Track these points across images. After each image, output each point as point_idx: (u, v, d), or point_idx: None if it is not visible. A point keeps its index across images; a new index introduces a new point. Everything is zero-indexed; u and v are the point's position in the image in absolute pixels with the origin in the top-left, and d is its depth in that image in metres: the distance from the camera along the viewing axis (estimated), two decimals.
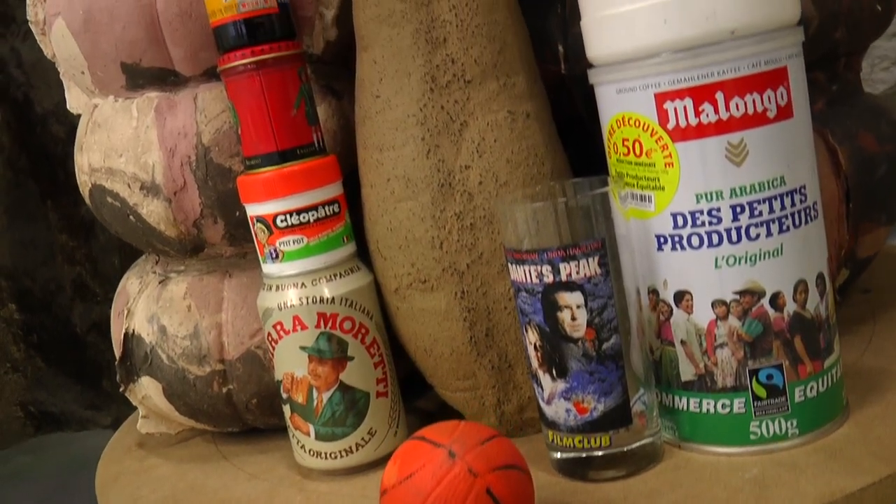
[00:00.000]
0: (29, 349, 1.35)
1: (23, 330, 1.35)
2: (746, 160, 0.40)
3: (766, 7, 0.39)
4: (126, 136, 0.51)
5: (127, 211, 0.52)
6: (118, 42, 0.50)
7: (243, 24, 0.46)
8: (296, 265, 0.47)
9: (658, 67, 0.40)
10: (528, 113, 0.46)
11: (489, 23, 0.45)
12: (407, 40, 0.45)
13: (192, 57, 0.50)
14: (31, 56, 1.24)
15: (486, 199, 0.45)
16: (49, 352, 1.35)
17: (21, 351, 1.36)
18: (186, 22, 0.49)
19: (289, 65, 0.46)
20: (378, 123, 0.46)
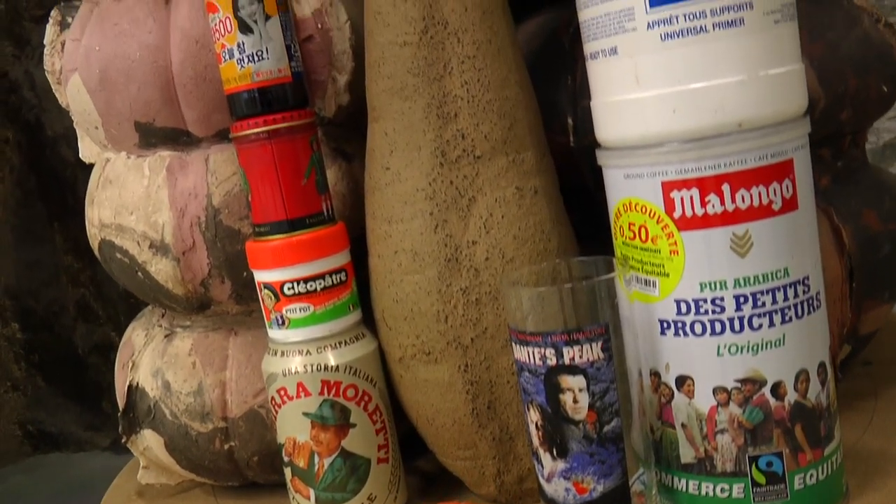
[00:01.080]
0: (30, 368, 1.36)
1: (24, 349, 1.35)
2: (751, 252, 0.40)
3: (774, 101, 0.40)
4: (137, 194, 0.52)
5: (135, 268, 0.53)
6: (133, 102, 0.51)
7: (257, 93, 0.46)
8: (301, 332, 0.47)
9: (666, 156, 0.40)
10: (536, 189, 0.47)
11: (500, 99, 0.46)
12: (418, 114, 0.46)
13: (204, 119, 0.51)
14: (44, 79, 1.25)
15: (492, 275, 0.46)
16: (50, 372, 1.36)
17: (22, 370, 1.36)
18: (200, 85, 0.50)
19: (301, 134, 0.47)
20: (387, 195, 0.47)
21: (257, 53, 0.46)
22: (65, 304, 1.34)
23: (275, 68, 0.46)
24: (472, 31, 0.45)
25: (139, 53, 0.50)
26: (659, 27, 0.39)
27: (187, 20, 0.50)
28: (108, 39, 0.51)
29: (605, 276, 0.41)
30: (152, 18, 0.50)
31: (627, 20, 0.40)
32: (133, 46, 0.50)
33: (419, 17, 0.45)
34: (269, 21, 0.46)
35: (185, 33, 0.50)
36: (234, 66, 0.46)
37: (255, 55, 0.46)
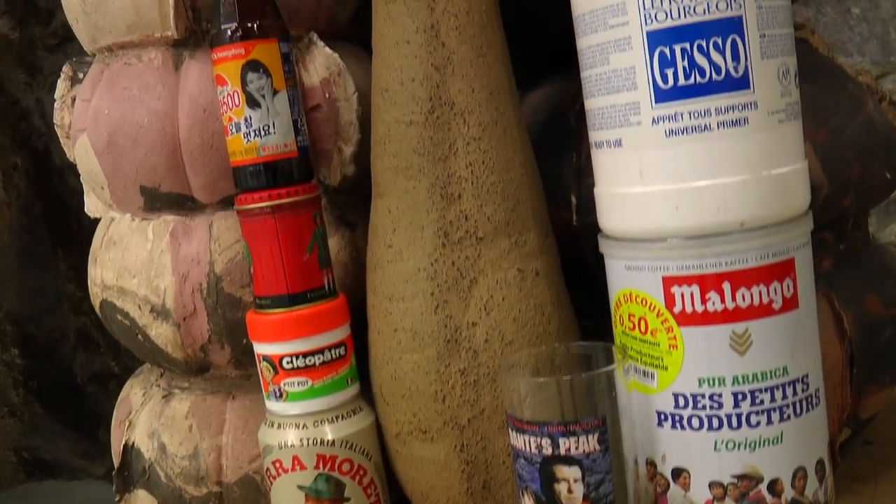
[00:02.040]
0: (28, 395, 1.36)
1: (23, 375, 1.35)
2: (750, 350, 0.40)
3: (777, 200, 0.40)
4: (140, 258, 0.52)
5: (136, 330, 0.53)
6: (139, 166, 0.51)
7: (262, 168, 0.46)
8: (299, 406, 0.47)
9: (667, 252, 0.40)
10: (538, 271, 0.47)
11: (504, 181, 0.46)
12: (422, 194, 0.46)
13: (210, 186, 0.51)
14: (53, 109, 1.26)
15: (491, 357, 0.46)
16: (48, 399, 1.36)
17: (20, 396, 1.36)
18: (207, 153, 0.50)
19: (304, 209, 0.47)
20: (389, 273, 0.47)
21: (264, 128, 0.46)
22: (66, 332, 1.34)
23: (281, 143, 0.46)
24: (479, 113, 0.46)
25: (147, 119, 0.50)
26: (664, 123, 0.40)
27: (196, 87, 0.50)
28: (117, 103, 0.51)
29: (603, 369, 0.41)
30: (161, 84, 0.50)
31: (632, 114, 0.40)
32: (141, 112, 0.50)
33: (426, 97, 0.45)
34: (277, 96, 0.46)
35: (193, 100, 0.50)
36: (240, 140, 0.46)
37: (262, 130, 0.46)
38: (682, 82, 0.39)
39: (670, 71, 0.39)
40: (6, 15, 1.31)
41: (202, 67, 0.50)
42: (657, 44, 0.39)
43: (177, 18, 0.49)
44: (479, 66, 0.45)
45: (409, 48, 0.45)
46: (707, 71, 0.39)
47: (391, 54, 0.46)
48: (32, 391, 1.36)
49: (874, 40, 1.13)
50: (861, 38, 1.15)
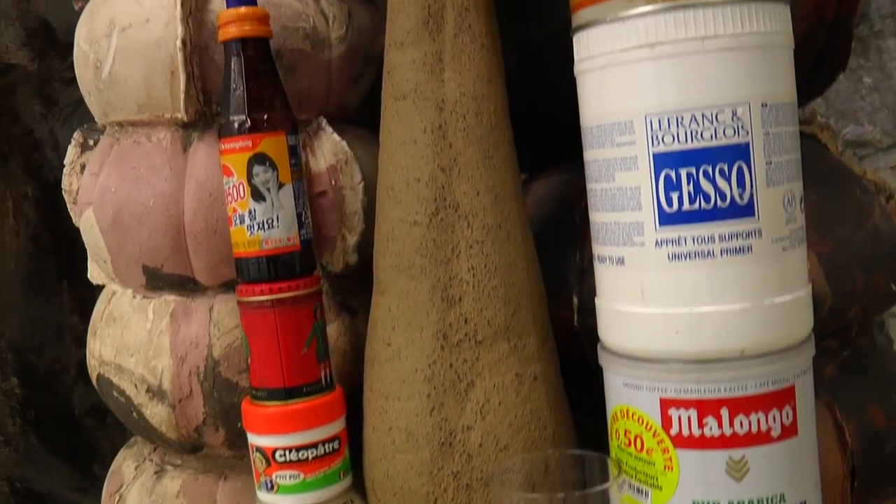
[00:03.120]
0: (25, 425, 1.35)
1: (21, 405, 1.35)
2: (747, 476, 0.40)
3: (778, 329, 0.40)
4: (139, 337, 0.52)
5: (131, 408, 0.53)
6: (143, 246, 0.51)
7: (264, 261, 0.46)
8: (290, 499, 0.47)
9: (666, 374, 0.40)
10: (536, 375, 0.46)
11: (506, 285, 0.46)
12: (423, 295, 0.46)
13: (212, 270, 0.51)
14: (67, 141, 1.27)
15: (485, 462, 0.45)
16: (44, 430, 1.35)
17: (16, 426, 1.36)
18: (211, 237, 0.50)
19: (305, 303, 0.47)
20: (386, 371, 0.47)
21: (268, 221, 0.46)
22: (66, 364, 1.34)
23: (284, 237, 0.46)
24: (483, 216, 0.45)
25: (153, 200, 0.50)
26: (667, 246, 0.39)
27: (203, 172, 0.50)
28: (124, 182, 0.51)
29: (598, 488, 0.41)
30: (169, 166, 0.50)
31: (636, 234, 0.40)
32: (148, 193, 0.50)
33: (431, 198, 0.45)
34: (283, 189, 0.46)
35: (199, 184, 0.50)
36: (243, 232, 0.46)
37: (266, 223, 0.46)
38: (686, 207, 0.39)
39: (675, 194, 0.39)
40: (26, 47, 1.33)
41: (210, 151, 0.50)
42: (663, 166, 0.39)
43: (187, 102, 0.49)
44: (485, 169, 0.45)
45: (416, 148, 0.45)
46: (712, 197, 0.39)
47: (398, 152, 0.46)
48: (29, 421, 1.35)
49: (885, 110, 1.14)
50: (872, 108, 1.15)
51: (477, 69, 0.46)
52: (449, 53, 0.45)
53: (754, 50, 0.39)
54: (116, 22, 0.51)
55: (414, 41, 0.45)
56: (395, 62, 0.46)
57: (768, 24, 0.39)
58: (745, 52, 0.39)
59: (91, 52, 0.52)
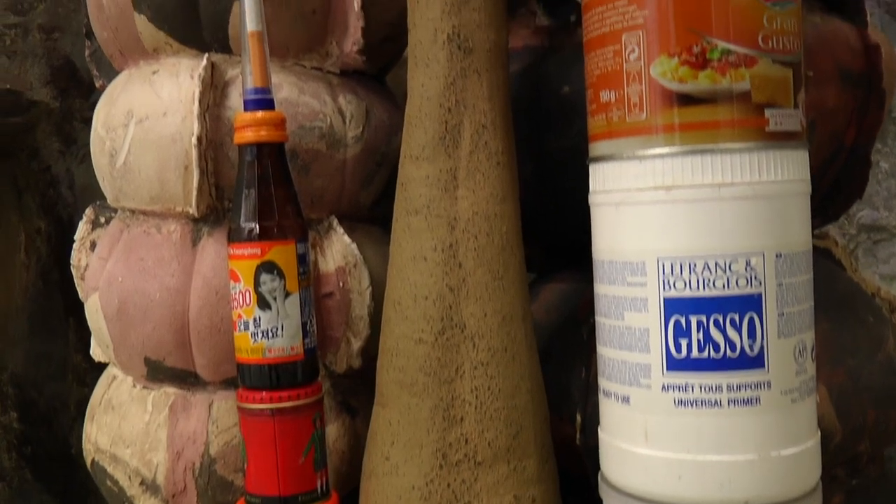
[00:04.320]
0: (20, 460, 1.34)
1: (18, 440, 1.34)
2: None
3: (784, 481, 0.39)
4: (137, 428, 0.52)
5: (123, 498, 0.52)
6: (146, 339, 0.51)
7: (266, 369, 0.46)
8: None
9: None
10: (535, 498, 0.46)
11: (508, 407, 0.45)
12: (425, 413, 0.45)
13: (214, 366, 0.51)
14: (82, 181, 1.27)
15: None
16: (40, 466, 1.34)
17: (12, 460, 1.35)
18: (215, 335, 0.50)
19: (305, 412, 0.46)
20: (384, 485, 0.46)
21: (272, 330, 0.46)
22: (67, 402, 1.33)
23: (287, 346, 0.46)
24: (489, 338, 0.45)
25: (159, 295, 0.50)
26: (673, 392, 0.39)
27: (211, 269, 0.50)
28: (131, 273, 0.51)
29: None
30: (177, 261, 0.50)
31: (643, 376, 0.40)
32: (154, 286, 0.50)
33: (438, 317, 0.45)
34: (289, 298, 0.46)
35: (206, 281, 0.50)
36: (247, 338, 0.46)
37: (270, 332, 0.46)
38: (695, 354, 0.38)
39: (685, 341, 0.39)
40: (50, 84, 1.34)
41: (219, 248, 0.50)
42: (673, 311, 0.39)
43: (199, 198, 0.49)
44: (493, 290, 0.45)
45: (426, 265, 0.45)
46: (722, 346, 0.38)
47: (407, 268, 0.46)
48: (25, 457, 1.34)
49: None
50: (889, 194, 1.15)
51: (491, 187, 0.45)
52: (464, 171, 0.45)
53: (771, 199, 0.38)
54: (134, 112, 0.51)
55: (429, 156, 0.45)
56: (409, 176, 0.46)
57: (786, 172, 0.39)
58: (761, 202, 0.38)
59: (107, 139, 0.52)
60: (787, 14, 0.39)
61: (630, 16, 0.39)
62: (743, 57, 0.38)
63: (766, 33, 0.38)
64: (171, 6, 0.50)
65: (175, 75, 0.50)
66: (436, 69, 0.45)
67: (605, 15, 0.40)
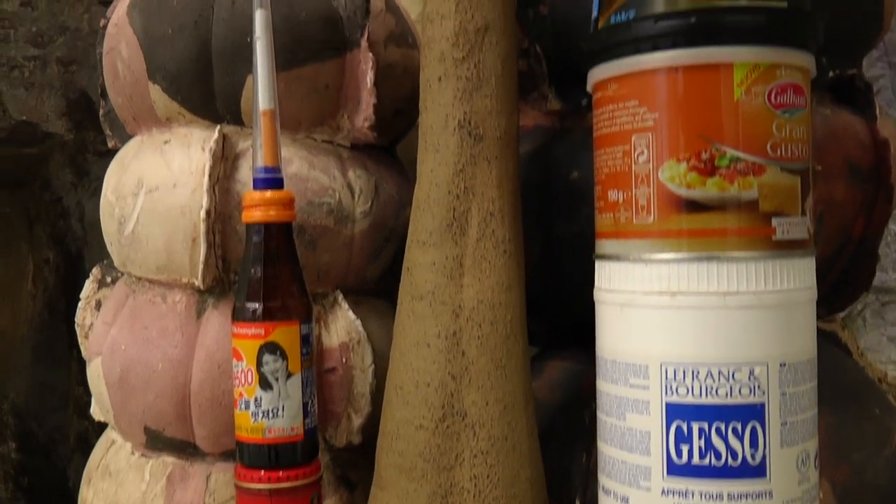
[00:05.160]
0: (17, 491, 1.34)
1: (16, 470, 1.33)
2: None
3: None
4: (133, 497, 0.51)
5: None
6: (147, 408, 0.51)
7: (266, 449, 0.46)
8: None
9: None
10: None
11: (507, 496, 0.45)
12: (423, 499, 0.45)
13: (214, 438, 0.50)
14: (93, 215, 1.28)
15: None
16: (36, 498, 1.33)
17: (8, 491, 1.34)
18: (216, 408, 0.50)
19: (302, 492, 0.46)
20: None
21: (273, 410, 0.46)
22: (66, 434, 1.33)
23: (288, 426, 0.46)
24: (490, 426, 0.45)
25: (161, 365, 0.50)
26: (673, 497, 0.39)
27: (214, 342, 0.50)
28: (135, 342, 0.51)
29: None
30: (181, 332, 0.50)
31: (643, 478, 0.39)
32: (157, 356, 0.50)
33: (439, 404, 0.45)
34: (291, 379, 0.46)
35: (209, 354, 0.50)
36: (247, 418, 0.46)
37: (271, 412, 0.46)
38: (696, 461, 0.38)
39: (686, 447, 0.38)
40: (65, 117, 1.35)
41: (223, 321, 0.50)
42: (675, 417, 0.38)
43: (205, 271, 0.50)
44: (496, 379, 0.45)
45: (429, 352, 0.45)
46: (723, 455, 0.38)
47: (410, 353, 0.46)
48: (22, 488, 1.34)
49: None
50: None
51: (497, 276, 0.45)
52: (470, 258, 0.45)
53: (776, 308, 0.38)
54: (144, 182, 0.51)
55: (436, 242, 0.45)
56: (415, 261, 0.46)
57: (792, 281, 0.39)
58: (766, 311, 0.38)
59: (117, 206, 0.53)
60: (796, 121, 0.39)
61: (640, 117, 0.39)
62: (751, 165, 0.38)
63: (775, 141, 0.38)
64: (185, 77, 0.51)
65: (186, 146, 0.51)
66: (446, 155, 0.45)
67: (616, 114, 0.40)
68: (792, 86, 0.38)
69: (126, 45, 0.52)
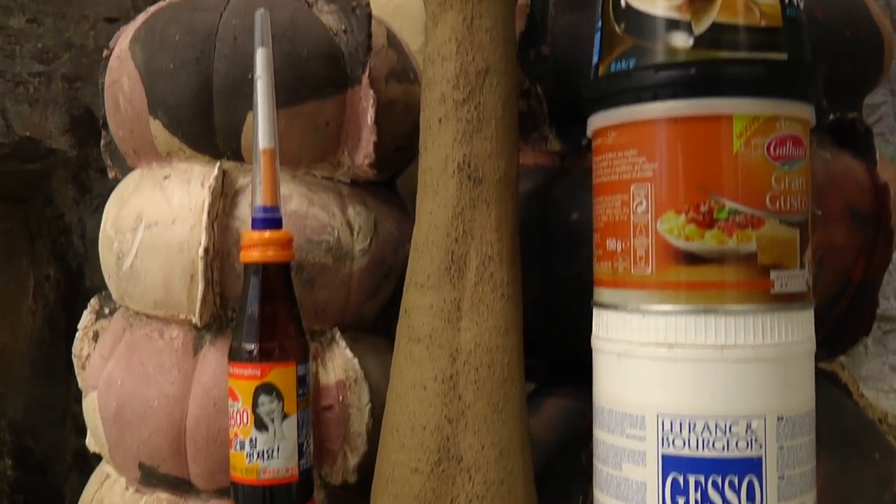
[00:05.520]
0: None
1: (11, 487, 1.33)
2: None
3: None
4: None
5: None
6: (142, 444, 0.50)
7: (260, 490, 0.46)
8: None
9: None
10: None
11: None
12: None
13: (208, 476, 0.50)
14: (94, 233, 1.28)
15: None
16: None
17: None
18: (211, 445, 0.49)
19: None
20: None
21: (268, 451, 0.45)
22: (63, 451, 1.32)
23: (283, 467, 0.46)
24: (486, 471, 0.44)
25: (157, 402, 0.50)
26: None
27: (211, 379, 0.50)
28: (131, 377, 0.51)
29: None
30: (178, 369, 0.50)
31: None
32: (153, 393, 0.50)
33: (435, 448, 0.45)
34: (287, 420, 0.46)
35: (206, 391, 0.50)
36: (242, 458, 0.46)
37: (266, 453, 0.45)
38: None
39: (682, 499, 0.38)
40: (69, 133, 1.35)
41: (220, 357, 0.50)
42: (672, 469, 0.38)
43: (203, 308, 0.49)
44: (493, 423, 0.45)
45: (426, 395, 0.45)
46: None
47: (407, 395, 0.45)
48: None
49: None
50: None
51: (495, 319, 0.45)
52: (468, 302, 0.45)
53: (774, 362, 0.38)
54: (144, 217, 0.51)
55: (434, 285, 0.45)
56: (413, 303, 0.46)
57: (790, 334, 0.38)
58: (764, 364, 0.38)
59: (116, 240, 0.53)
60: (795, 173, 0.39)
61: (639, 167, 0.39)
62: (750, 218, 0.38)
63: (774, 193, 0.38)
64: (186, 113, 0.51)
65: (186, 182, 0.51)
66: (444, 198, 0.45)
67: (615, 162, 0.40)
68: (791, 137, 0.38)
69: (127, 79, 0.52)
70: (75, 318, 1.39)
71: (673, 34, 0.39)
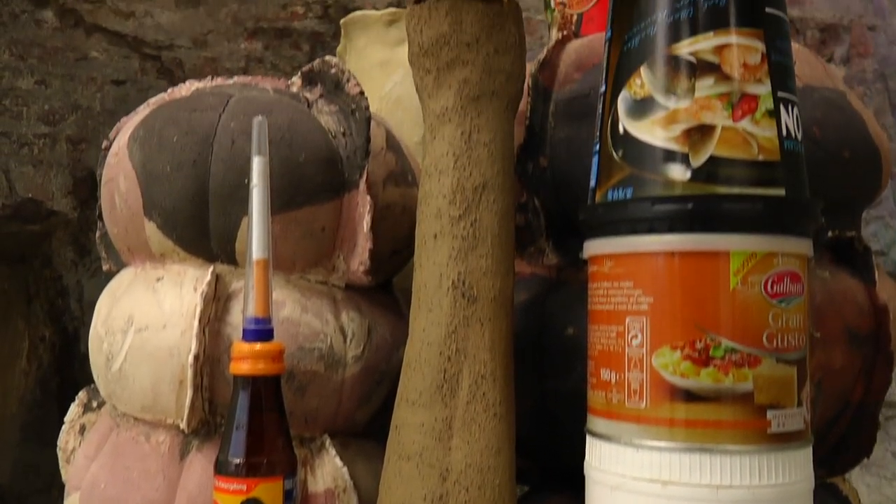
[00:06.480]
0: None
1: None
2: None
3: None
4: None
5: None
6: None
7: None
8: None
9: None
10: None
11: None
12: None
13: None
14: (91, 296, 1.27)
15: None
16: None
17: None
18: None
19: None
20: None
21: None
22: None
23: None
24: None
25: None
26: None
27: (196, 486, 0.49)
28: (115, 481, 0.50)
29: None
30: (163, 475, 0.49)
31: None
32: (137, 499, 0.49)
33: None
34: None
35: (190, 498, 0.49)
36: None
37: None
38: None
39: None
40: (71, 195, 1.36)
41: (206, 465, 0.49)
42: None
43: (191, 414, 0.49)
44: None
45: None
46: None
47: None
48: None
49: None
50: None
51: (486, 439, 0.44)
52: (459, 421, 0.44)
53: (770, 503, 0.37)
54: (135, 320, 0.50)
55: (426, 403, 0.45)
56: (404, 420, 0.45)
57: (787, 475, 0.38)
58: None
59: (105, 340, 0.52)
60: (792, 310, 0.38)
61: (635, 300, 0.39)
62: (747, 356, 0.37)
63: (771, 332, 0.37)
64: (181, 216, 0.50)
65: (179, 285, 0.50)
66: (438, 315, 0.45)
67: (611, 292, 0.40)
68: (789, 274, 0.38)
69: (124, 178, 0.52)
70: (68, 381, 1.37)
71: (670, 166, 0.38)
